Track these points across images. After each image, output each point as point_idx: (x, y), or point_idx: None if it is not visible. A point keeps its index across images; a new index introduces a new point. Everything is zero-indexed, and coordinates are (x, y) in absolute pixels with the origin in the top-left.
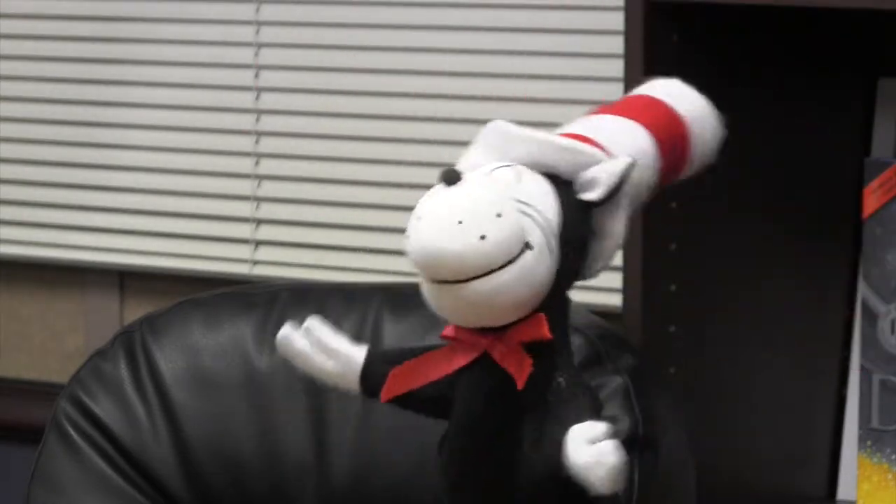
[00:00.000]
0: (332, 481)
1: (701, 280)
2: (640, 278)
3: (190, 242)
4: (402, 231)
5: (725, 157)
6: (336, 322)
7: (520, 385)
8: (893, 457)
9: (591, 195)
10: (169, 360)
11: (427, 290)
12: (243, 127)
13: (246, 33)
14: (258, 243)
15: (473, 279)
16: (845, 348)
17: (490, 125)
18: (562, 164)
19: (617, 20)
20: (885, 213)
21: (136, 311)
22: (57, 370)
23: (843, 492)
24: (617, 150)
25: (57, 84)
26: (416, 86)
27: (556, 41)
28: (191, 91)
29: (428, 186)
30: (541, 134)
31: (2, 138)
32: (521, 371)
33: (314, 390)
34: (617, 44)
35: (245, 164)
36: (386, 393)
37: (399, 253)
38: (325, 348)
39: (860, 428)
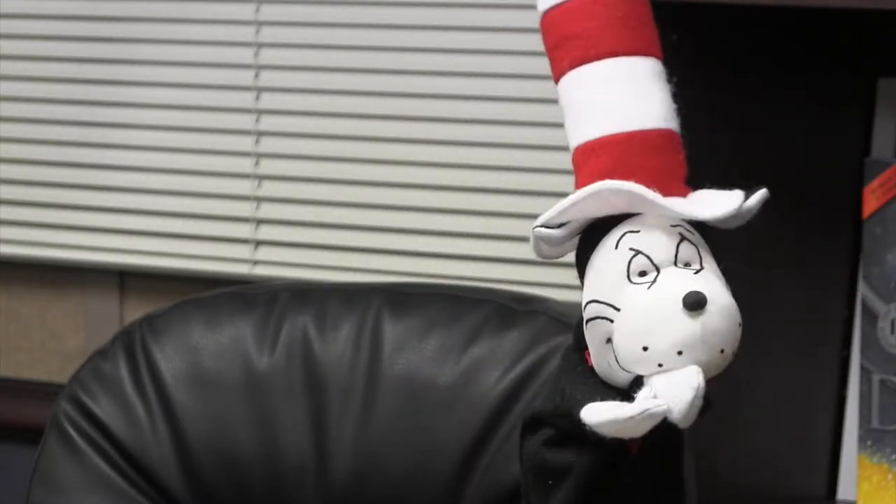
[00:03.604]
0: (332, 481)
1: None
2: None
3: (190, 242)
4: (402, 231)
5: (725, 157)
6: (336, 322)
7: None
8: (893, 457)
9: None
10: (169, 360)
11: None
12: (243, 127)
13: (246, 33)
14: (258, 243)
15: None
16: (845, 348)
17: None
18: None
19: None
20: (885, 213)
21: (136, 311)
22: (57, 370)
23: (843, 492)
24: (673, 121)
25: (57, 84)
26: (416, 86)
27: None
28: (191, 91)
29: (428, 186)
30: (673, 202)
31: (2, 138)
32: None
33: (314, 390)
34: None
35: (245, 164)
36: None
37: (399, 253)
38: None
39: (860, 428)
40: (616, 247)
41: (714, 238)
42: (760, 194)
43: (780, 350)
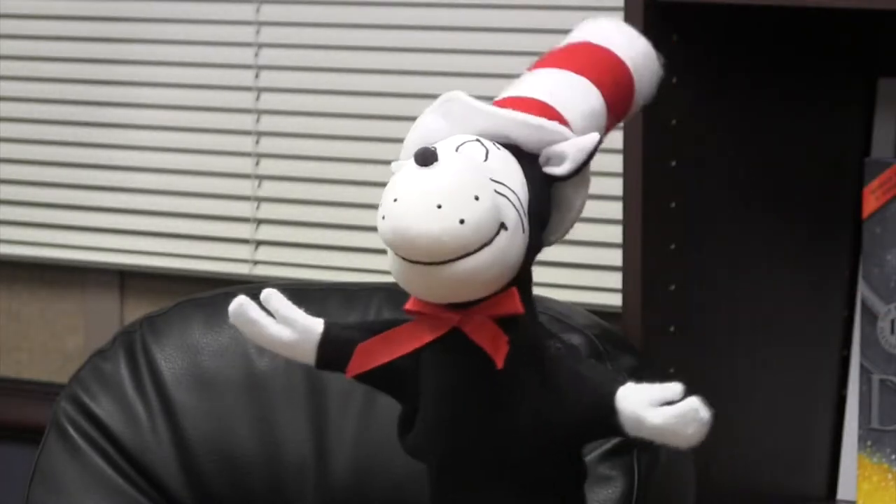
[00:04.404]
0: (332, 481)
1: (701, 280)
2: (639, 278)
3: (190, 242)
4: None
5: (725, 157)
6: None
7: (499, 364)
8: (893, 457)
9: (558, 170)
10: (169, 360)
11: (397, 268)
12: (243, 127)
13: (246, 33)
14: (258, 243)
15: (449, 261)
16: (845, 348)
17: (448, 95)
18: (527, 140)
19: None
20: (885, 213)
21: (136, 311)
22: (57, 370)
23: (843, 492)
24: (571, 114)
25: (57, 84)
26: (416, 86)
27: (556, 41)
28: (191, 91)
29: None
30: (503, 110)
31: (2, 138)
32: (497, 349)
33: (314, 390)
34: None
35: (245, 164)
36: (352, 369)
37: None
38: (283, 318)
39: (860, 428)
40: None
41: None
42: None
43: (780, 350)
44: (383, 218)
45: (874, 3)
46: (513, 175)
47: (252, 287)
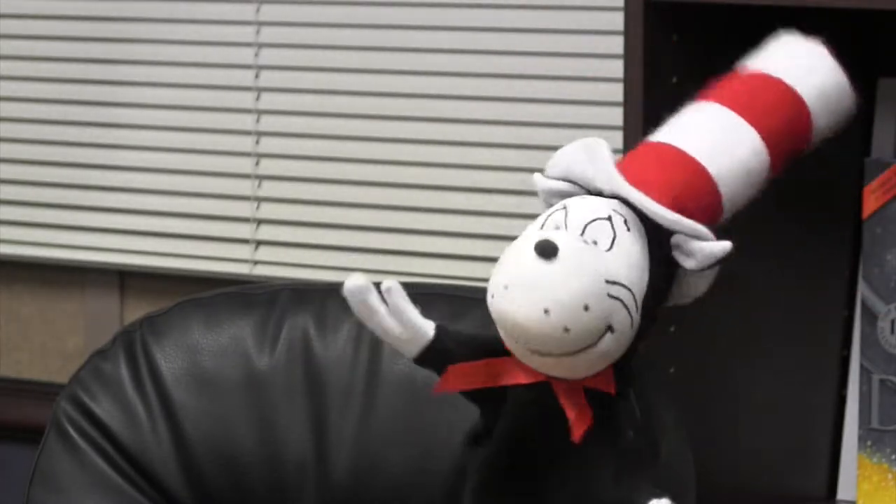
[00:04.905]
0: (332, 481)
1: None
2: None
3: (190, 242)
4: (402, 231)
5: None
6: (336, 322)
7: (575, 438)
8: (893, 457)
9: (684, 263)
10: (169, 360)
11: (505, 332)
12: (243, 127)
13: (246, 33)
14: (258, 243)
15: (549, 354)
16: (845, 348)
17: (591, 144)
18: (660, 222)
19: (617, 20)
20: (885, 213)
21: (136, 311)
22: (57, 370)
23: (843, 492)
24: (720, 172)
25: (57, 84)
26: (416, 86)
27: (556, 41)
28: (191, 91)
29: (428, 186)
30: (638, 194)
31: (2, 138)
32: (579, 421)
33: (314, 390)
34: (617, 44)
35: (245, 164)
36: (440, 386)
37: (399, 253)
38: (400, 315)
39: (860, 428)
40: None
41: None
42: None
43: (780, 350)
44: (492, 296)
45: (874, 3)
46: (634, 266)
47: (253, 287)
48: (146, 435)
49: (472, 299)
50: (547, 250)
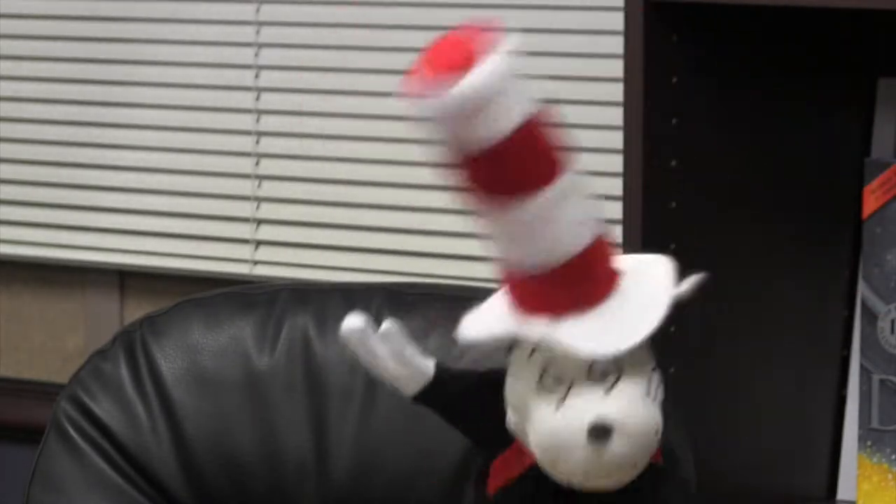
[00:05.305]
0: (332, 481)
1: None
2: None
3: (190, 242)
4: (401, 231)
5: (725, 157)
6: (336, 322)
7: None
8: (893, 457)
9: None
10: (169, 360)
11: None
12: (243, 127)
13: (246, 33)
14: (258, 243)
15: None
16: (845, 348)
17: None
18: None
19: (617, 20)
20: (885, 213)
21: (136, 311)
22: (57, 370)
23: (843, 492)
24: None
25: (57, 84)
26: None
27: (556, 41)
28: (191, 91)
29: (427, 186)
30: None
31: (2, 138)
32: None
33: (314, 390)
34: (617, 44)
35: (245, 164)
36: (492, 485)
37: (399, 253)
38: (400, 357)
39: (860, 428)
40: (530, 356)
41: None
42: (691, 282)
43: (780, 350)
44: (570, 482)
45: (874, 3)
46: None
47: (253, 287)
48: (146, 435)
49: (472, 299)
50: (600, 434)
